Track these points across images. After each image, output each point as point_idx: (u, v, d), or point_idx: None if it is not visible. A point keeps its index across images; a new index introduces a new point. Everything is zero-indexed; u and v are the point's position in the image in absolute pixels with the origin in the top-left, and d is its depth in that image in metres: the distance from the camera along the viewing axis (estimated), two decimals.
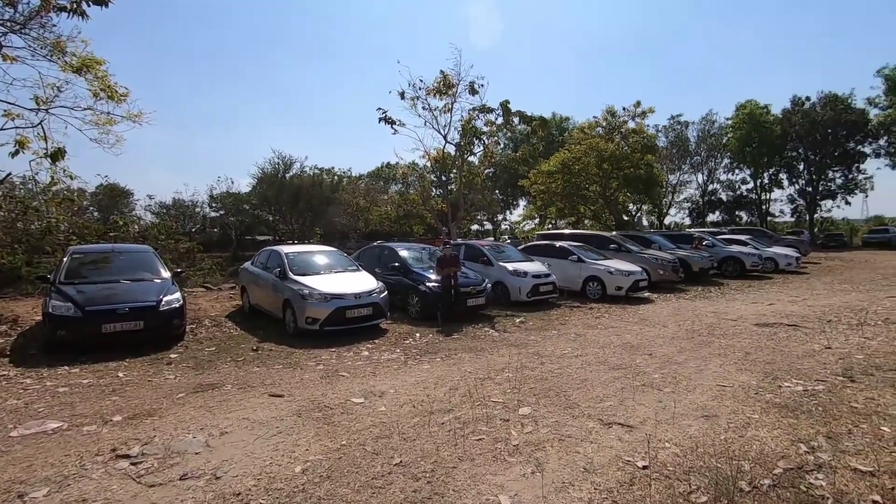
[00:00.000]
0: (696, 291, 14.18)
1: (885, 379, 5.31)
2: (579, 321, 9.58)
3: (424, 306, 9.78)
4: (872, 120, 42.77)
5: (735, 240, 21.02)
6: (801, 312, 10.00)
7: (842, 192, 46.76)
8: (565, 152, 23.40)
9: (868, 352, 6.60)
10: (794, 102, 46.11)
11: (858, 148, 44.56)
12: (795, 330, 8.15)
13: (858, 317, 9.36)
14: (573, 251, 13.48)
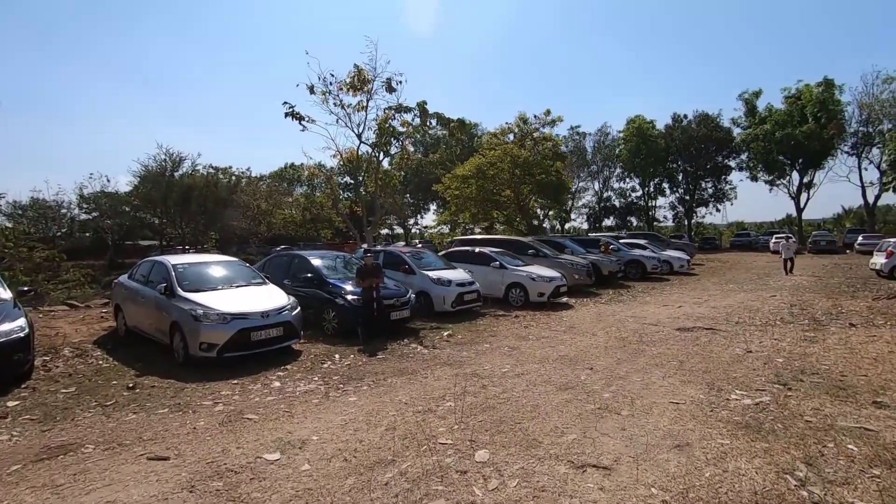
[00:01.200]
0: (609, 295, 14.60)
1: (814, 384, 5.41)
2: (509, 332, 9.17)
3: (343, 322, 8.77)
4: (736, 137, 48.68)
5: (635, 244, 22.35)
6: (710, 314, 10.52)
7: (713, 201, 52.75)
8: (480, 157, 23.44)
9: (785, 354, 6.86)
10: (674, 119, 51.13)
11: (725, 162, 50.53)
12: (714, 334, 8.42)
13: (759, 317, 10.03)
14: (495, 257, 13.19)
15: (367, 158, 16.88)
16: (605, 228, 55.76)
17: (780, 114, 44.61)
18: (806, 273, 19.29)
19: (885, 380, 5.50)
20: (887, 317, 9.38)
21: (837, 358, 6.58)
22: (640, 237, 27.32)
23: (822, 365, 6.25)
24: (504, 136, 25.32)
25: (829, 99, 42.32)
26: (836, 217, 59.32)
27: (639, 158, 49.86)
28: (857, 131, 42.53)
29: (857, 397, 4.95)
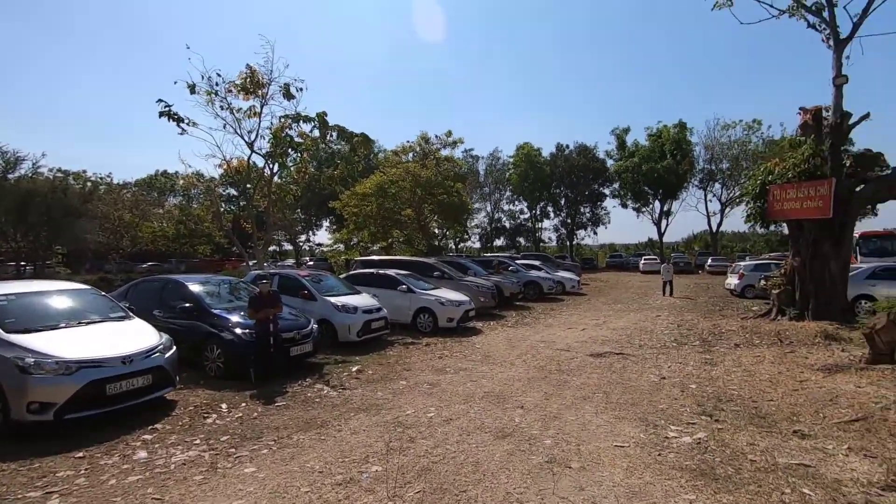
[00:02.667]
0: (513, 317, 14.64)
1: (735, 413, 5.51)
2: (424, 364, 8.47)
3: (231, 361, 7.40)
4: (610, 168, 53.89)
5: (531, 265, 23.11)
6: (612, 337, 10.85)
7: (590, 224, 57.64)
8: (381, 175, 22.68)
9: (695, 380, 7.07)
10: (558, 148, 55.20)
11: (601, 189, 55.62)
12: (625, 359, 8.54)
13: (655, 339, 10.54)
14: (402, 280, 12.47)
15: (259, 170, 15.24)
16: (496, 248, 57.93)
17: (645, 150, 50.35)
18: (676, 292, 21.34)
19: (790, 405, 5.78)
20: (761, 336, 10.39)
21: (740, 382, 6.92)
22: (532, 258, 28.51)
23: (731, 390, 6.48)
24: (405, 155, 24.94)
25: (682, 139, 48.79)
26: (687, 240, 68.17)
27: (527, 183, 52.85)
28: (703, 168, 49.52)
29: (777, 426, 5.07)
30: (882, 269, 14.24)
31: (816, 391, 6.31)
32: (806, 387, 6.56)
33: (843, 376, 6.94)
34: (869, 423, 5.03)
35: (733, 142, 47.18)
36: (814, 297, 11.76)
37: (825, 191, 11.30)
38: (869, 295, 13.43)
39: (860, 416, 5.21)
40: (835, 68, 12.13)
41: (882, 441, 4.59)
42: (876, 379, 6.65)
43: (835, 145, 11.78)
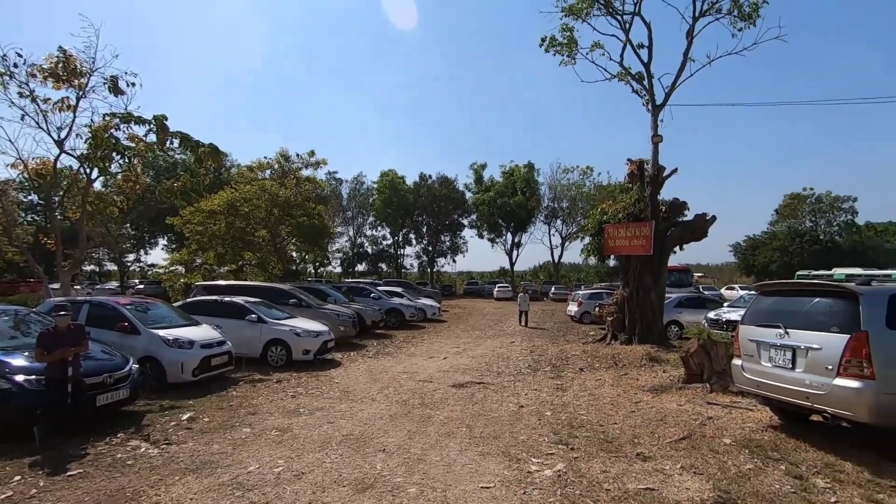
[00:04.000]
0: (374, 347, 14.13)
1: (587, 440, 5.77)
2: (274, 404, 7.51)
3: (9, 416, 5.66)
4: (468, 200, 57.00)
5: (393, 292, 22.89)
6: (472, 365, 11.00)
7: (450, 252, 59.98)
8: (233, 191, 20.52)
9: (549, 407, 7.37)
10: (421, 178, 56.75)
11: (460, 220, 58.43)
12: (485, 388, 8.63)
13: (512, 366, 10.96)
14: (252, 309, 11.18)
15: (72, 174, 12.59)
16: (357, 274, 56.79)
17: (500, 185, 54.45)
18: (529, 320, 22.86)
19: (631, 427, 6.28)
20: (600, 359, 11.46)
21: (588, 406, 7.38)
22: (395, 284, 28.36)
23: (581, 415, 6.86)
24: (262, 171, 23.06)
25: (531, 178, 53.94)
26: (534, 270, 74.72)
27: (390, 209, 53.19)
28: (548, 206, 55.23)
29: (623, 450, 5.41)
30: (686, 299, 16.98)
31: (649, 411, 6.99)
32: (640, 408, 7.24)
33: (667, 396, 7.85)
34: (693, 441, 5.64)
35: (572, 184, 53.64)
36: (639, 323, 13.45)
37: (647, 231, 13.14)
38: (678, 321, 15.86)
39: (686, 435, 5.83)
40: (652, 128, 14.38)
41: (705, 457, 5.13)
42: (692, 397, 7.63)
43: (653, 193, 13.84)
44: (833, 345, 5.04)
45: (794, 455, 5.16)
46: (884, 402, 4.71)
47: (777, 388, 5.63)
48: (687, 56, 14.07)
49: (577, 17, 15.29)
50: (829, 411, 5.09)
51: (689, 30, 14.13)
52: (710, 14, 14.14)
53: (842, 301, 5.28)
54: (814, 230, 54.83)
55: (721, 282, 49.71)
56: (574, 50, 15.79)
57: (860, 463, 4.85)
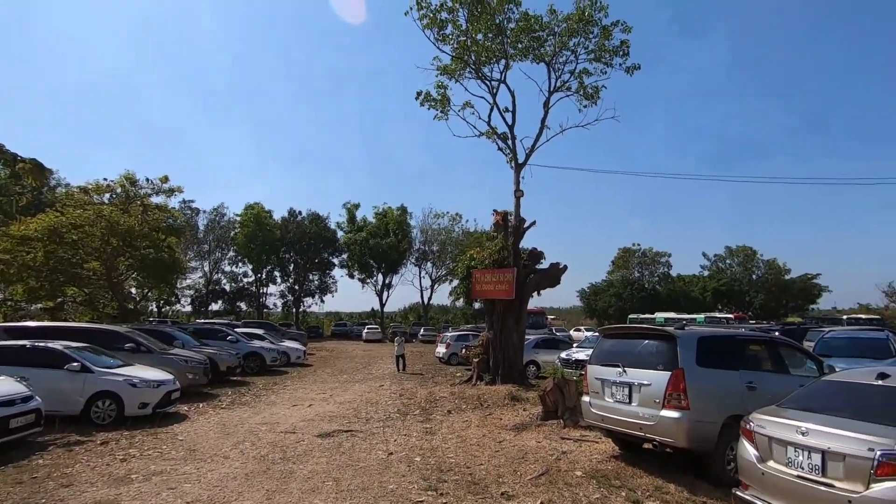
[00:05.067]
0: (229, 396, 12.79)
1: (456, 484, 5.83)
2: (96, 472, 6.28)
3: None
4: (340, 239, 56.01)
5: (253, 334, 21.13)
6: (340, 412, 10.52)
7: (318, 292, 57.73)
8: (57, 215, 17.28)
9: (419, 452, 7.32)
10: (290, 213, 54.58)
11: (330, 258, 56.94)
12: (353, 436, 8.28)
13: (381, 411, 10.73)
14: (73, 356, 9.39)
15: None
16: (211, 314, 51.42)
17: (372, 226, 54.66)
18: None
19: (496, 466, 6.51)
20: (466, 400, 11.79)
21: (456, 448, 7.50)
22: (255, 325, 26.28)
23: (449, 458, 6.93)
24: (99, 194, 19.92)
25: (404, 221, 55.12)
26: (404, 311, 75.10)
27: (254, 245, 49.86)
28: (419, 248, 56.67)
29: (489, 491, 5.57)
30: (542, 340, 18.47)
31: (511, 450, 7.34)
32: (504, 446, 7.57)
33: (527, 433, 8.33)
34: (550, 476, 6.04)
35: (442, 229, 55.99)
36: (502, 363, 14.22)
37: (510, 277, 14.19)
38: (535, 361, 17.11)
39: (544, 470, 6.22)
40: (515, 184, 15.85)
41: (560, 491, 5.52)
42: (549, 433, 8.22)
43: (515, 243, 15.10)
44: (659, 381, 5.89)
45: (632, 481, 5.82)
46: (696, 428, 5.60)
47: (618, 420, 6.35)
48: (544, 123, 15.98)
49: (451, 77, 16.50)
50: (658, 439, 5.89)
51: (546, 101, 16.15)
52: (562, 90, 16.34)
53: (664, 343, 6.24)
54: (640, 280, 64.29)
55: (570, 324, 55.13)
56: (447, 107, 16.90)
57: (681, 484, 5.64)
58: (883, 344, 11.11)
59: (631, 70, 15.76)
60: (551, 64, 16.03)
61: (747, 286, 60.41)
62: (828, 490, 3.82)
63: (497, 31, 15.59)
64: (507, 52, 15.79)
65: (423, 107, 17.07)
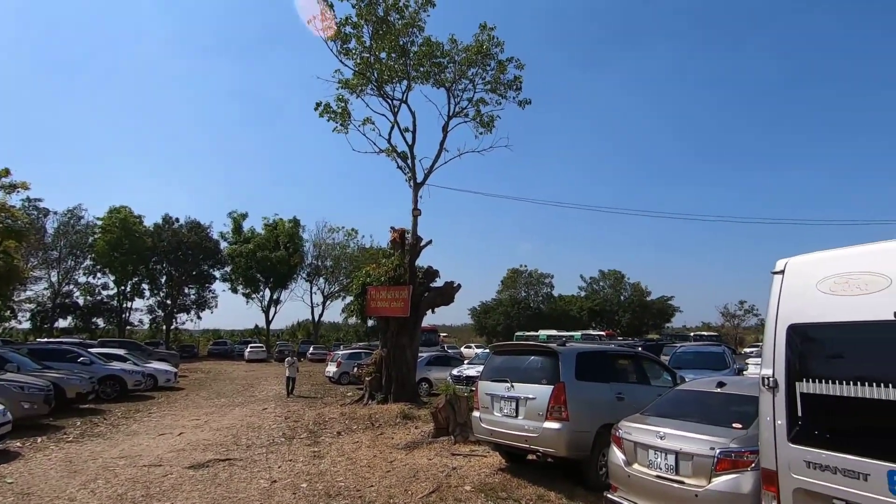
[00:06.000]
0: (78, 427, 11.04)
1: None
2: None
3: None
4: (223, 250, 51.90)
5: (113, 354, 18.59)
6: (217, 439, 9.62)
7: (195, 307, 52.65)
8: None
9: (305, 477, 6.95)
10: (165, 220, 49.39)
11: (211, 271, 52.41)
12: (232, 465, 7.61)
13: (264, 436, 10.02)
14: None
15: None
16: (58, 332, 44.19)
17: (261, 238, 51.55)
18: (280, 382, 21.40)
19: (387, 487, 6.41)
20: (357, 421, 11.47)
21: (345, 471, 7.25)
22: (116, 345, 23.23)
23: (338, 482, 6.67)
24: None
25: (296, 234, 52.81)
26: (292, 328, 71.35)
27: (118, 253, 44.09)
28: (312, 263, 54.55)
29: None
30: (435, 358, 18.72)
31: (403, 469, 7.29)
32: (395, 466, 7.49)
33: (419, 451, 8.34)
34: (441, 493, 6.10)
35: (337, 244, 54.58)
36: (395, 381, 14.12)
37: (405, 295, 14.23)
38: (427, 378, 17.25)
39: (435, 488, 6.26)
40: (413, 202, 16.07)
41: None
42: (440, 450, 8.30)
43: (412, 261, 15.23)
44: (543, 394, 6.29)
45: (517, 492, 6.09)
46: (574, 438, 6.05)
47: (505, 434, 6.64)
48: (442, 146, 16.48)
49: (353, 92, 16.40)
50: (541, 450, 6.25)
51: (445, 125, 16.70)
52: (460, 116, 17.04)
53: (548, 358, 6.69)
54: (527, 299, 68.32)
55: (461, 341, 56.64)
56: (347, 121, 16.73)
57: (561, 491, 6.03)
58: (720, 357, 13.04)
59: (523, 104, 16.96)
60: (451, 90, 16.68)
61: (616, 306, 67.10)
62: (680, 486, 4.35)
63: (401, 53, 15.88)
64: (409, 74, 16.12)
65: (323, 118, 16.72)
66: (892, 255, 2.56)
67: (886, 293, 2.49)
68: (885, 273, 2.52)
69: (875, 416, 2.48)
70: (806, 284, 2.86)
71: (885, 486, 2.35)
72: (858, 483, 2.45)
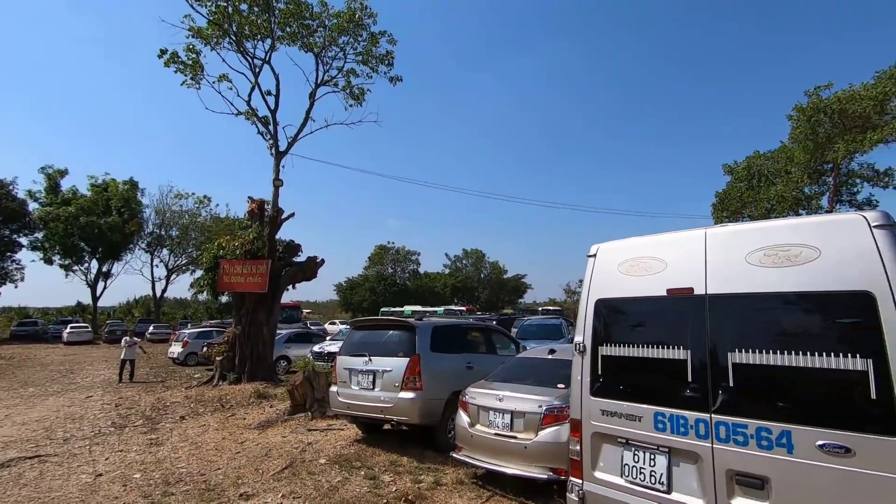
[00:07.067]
0: None
1: (187, 494, 5.29)
2: None
3: None
4: (33, 213, 43.09)
5: None
6: (22, 435, 8.23)
7: None
8: None
9: (139, 468, 6.35)
10: None
11: (15, 237, 43.27)
12: (43, 462, 6.61)
13: (88, 427, 8.84)
14: None
15: None
16: None
17: (86, 199, 43.95)
18: (112, 366, 18.87)
19: (235, 468, 6.16)
20: (205, 403, 10.68)
21: (188, 457, 6.77)
22: None
23: (180, 469, 6.22)
24: None
25: (132, 198, 46.00)
26: (127, 306, 62.76)
27: None
28: (153, 232, 48.18)
29: (226, 494, 5.25)
30: (295, 335, 18.12)
31: (254, 449, 7.05)
32: (246, 447, 7.21)
33: (273, 430, 8.12)
34: (294, 468, 6.06)
35: (185, 211, 48.90)
36: (250, 360, 13.39)
37: (263, 269, 13.48)
38: (287, 356, 16.67)
39: (288, 464, 6.20)
40: (274, 172, 15.14)
41: (303, 481, 5.61)
42: (295, 427, 8.18)
43: (271, 233, 14.42)
44: (399, 366, 6.57)
45: (371, 460, 6.32)
46: (426, 406, 6.45)
47: (363, 406, 6.81)
48: (308, 115, 15.72)
49: (207, 43, 14.73)
50: (395, 419, 6.55)
51: (312, 93, 15.92)
52: (329, 85, 16.38)
53: (405, 332, 6.98)
54: (393, 275, 69.15)
55: (326, 317, 55.36)
56: (199, 74, 15.03)
57: (412, 456, 6.41)
58: (558, 328, 14.79)
59: (394, 80, 16.89)
60: (320, 56, 15.92)
61: (477, 283, 71.51)
62: (513, 441, 4.96)
63: (265, 7, 14.63)
64: (273, 32, 14.97)
65: (169, 68, 14.77)
66: (668, 244, 3.23)
67: (663, 274, 3.14)
68: (663, 258, 3.17)
69: (648, 372, 3.14)
70: (610, 266, 3.46)
71: (651, 425, 3.01)
72: (635, 423, 3.09)
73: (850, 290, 2.43)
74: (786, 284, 2.63)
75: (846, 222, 2.56)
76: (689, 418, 2.86)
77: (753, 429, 2.60)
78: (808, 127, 27.47)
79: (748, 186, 33.01)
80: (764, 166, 32.86)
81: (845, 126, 26.48)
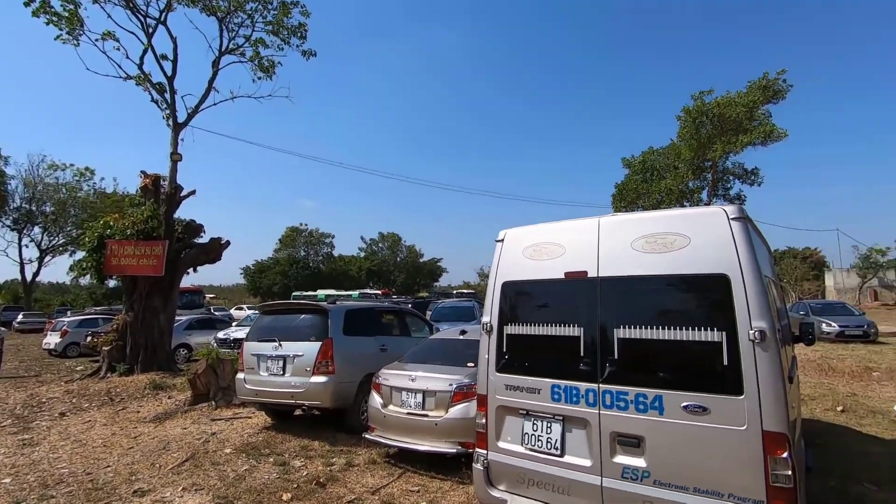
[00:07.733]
0: None
1: (71, 495, 4.84)
2: None
3: None
4: None
5: None
6: None
7: None
8: None
9: (9, 472, 5.67)
10: None
11: None
12: None
13: None
14: None
15: None
16: None
17: None
18: None
19: (127, 465, 5.72)
20: (90, 398, 9.70)
21: (71, 456, 6.16)
22: None
23: (61, 469, 5.65)
24: None
25: None
26: None
27: None
28: (21, 207, 42.11)
29: (117, 492, 4.89)
30: (197, 321, 16.97)
31: (150, 443, 6.59)
32: (140, 441, 6.72)
33: (171, 422, 7.63)
34: (196, 460, 5.77)
35: (62, 185, 43.24)
36: (143, 349, 12.33)
37: (159, 251, 12.39)
38: (187, 343, 15.59)
39: (189, 456, 5.88)
40: (172, 145, 13.88)
41: (206, 472, 5.37)
42: (197, 418, 7.75)
43: (168, 212, 13.26)
44: (311, 351, 6.46)
45: (281, 447, 6.19)
46: (339, 389, 6.43)
47: (272, 392, 6.63)
48: (211, 85, 14.52)
49: None
50: (307, 404, 6.46)
51: (215, 60, 14.70)
52: (235, 53, 15.23)
53: (318, 316, 6.86)
54: (306, 258, 66.78)
55: (232, 302, 52.19)
56: (77, 29, 13.26)
57: (324, 439, 6.37)
58: (470, 310, 15.31)
59: (308, 55, 16.11)
60: (224, 21, 14.73)
61: (393, 266, 71.31)
62: (425, 419, 5.13)
63: None
64: None
65: (39, 18, 12.87)
66: (567, 230, 3.50)
67: (562, 259, 3.41)
68: (562, 244, 3.44)
69: (547, 348, 3.42)
70: (516, 250, 3.68)
71: (548, 396, 3.30)
72: (534, 396, 3.36)
73: (711, 273, 2.82)
74: (662, 268, 2.99)
75: (710, 214, 2.95)
76: (581, 389, 3.17)
77: (633, 395, 2.95)
78: (692, 127, 30.60)
79: (643, 179, 36.14)
80: (657, 161, 36.14)
81: (723, 128, 29.88)
